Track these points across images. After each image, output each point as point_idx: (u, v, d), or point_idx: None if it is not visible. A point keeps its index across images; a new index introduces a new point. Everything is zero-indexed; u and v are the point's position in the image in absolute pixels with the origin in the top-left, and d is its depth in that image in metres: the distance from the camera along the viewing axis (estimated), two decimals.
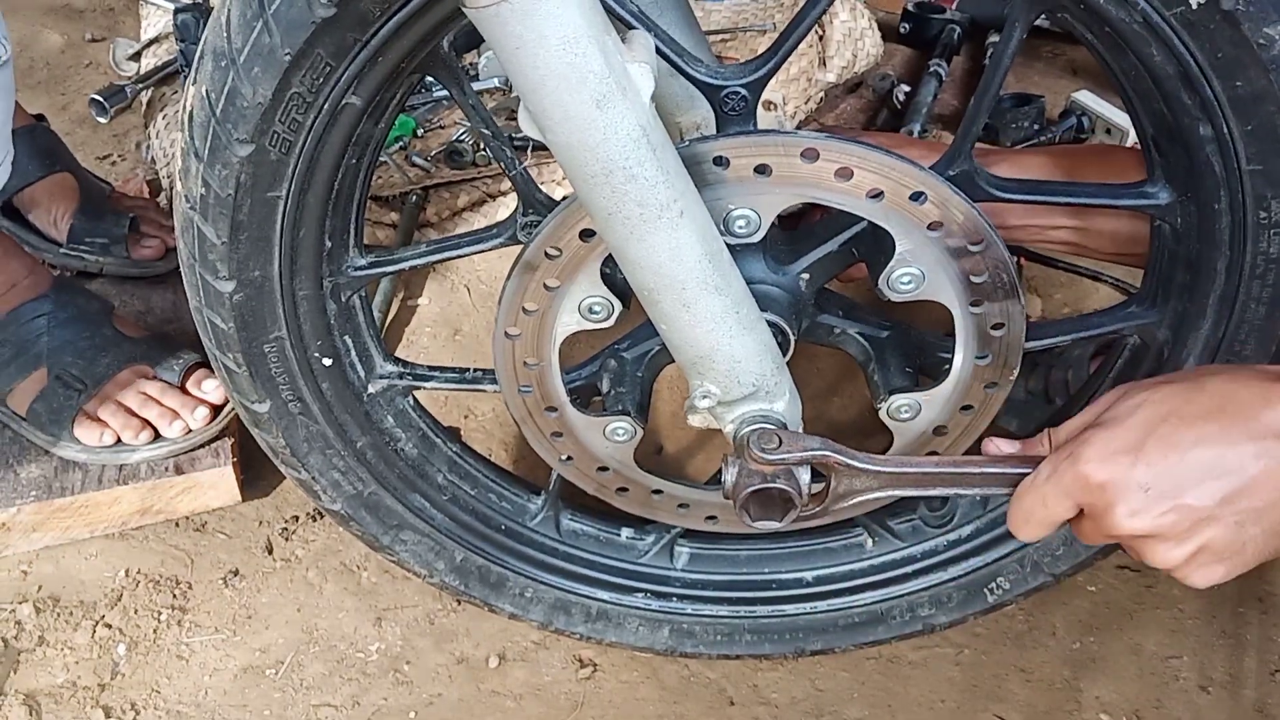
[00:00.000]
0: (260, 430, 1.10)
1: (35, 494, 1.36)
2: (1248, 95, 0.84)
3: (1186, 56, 0.84)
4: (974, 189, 0.94)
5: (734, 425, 0.92)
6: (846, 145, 0.88)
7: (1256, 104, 0.84)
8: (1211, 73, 0.84)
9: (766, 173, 0.90)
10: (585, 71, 0.74)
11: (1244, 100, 0.84)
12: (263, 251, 0.97)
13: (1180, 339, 1.01)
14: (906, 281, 0.94)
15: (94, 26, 2.30)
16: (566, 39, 0.73)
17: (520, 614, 1.25)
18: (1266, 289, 0.95)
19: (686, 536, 1.23)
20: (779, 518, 0.89)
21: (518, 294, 0.97)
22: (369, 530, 1.18)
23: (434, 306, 1.70)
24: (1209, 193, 0.91)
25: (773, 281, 1.01)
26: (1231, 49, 0.82)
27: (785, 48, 0.90)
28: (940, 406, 1.02)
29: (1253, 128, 0.86)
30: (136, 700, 1.25)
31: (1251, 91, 0.84)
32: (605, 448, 1.07)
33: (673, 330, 0.88)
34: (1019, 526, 0.85)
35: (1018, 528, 0.85)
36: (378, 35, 0.86)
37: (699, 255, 0.83)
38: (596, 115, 0.76)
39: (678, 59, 0.90)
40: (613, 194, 0.79)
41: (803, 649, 1.25)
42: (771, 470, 0.88)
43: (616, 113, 0.76)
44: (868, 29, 1.81)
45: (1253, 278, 0.94)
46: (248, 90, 0.87)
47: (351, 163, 0.97)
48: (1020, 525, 0.84)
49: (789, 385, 0.93)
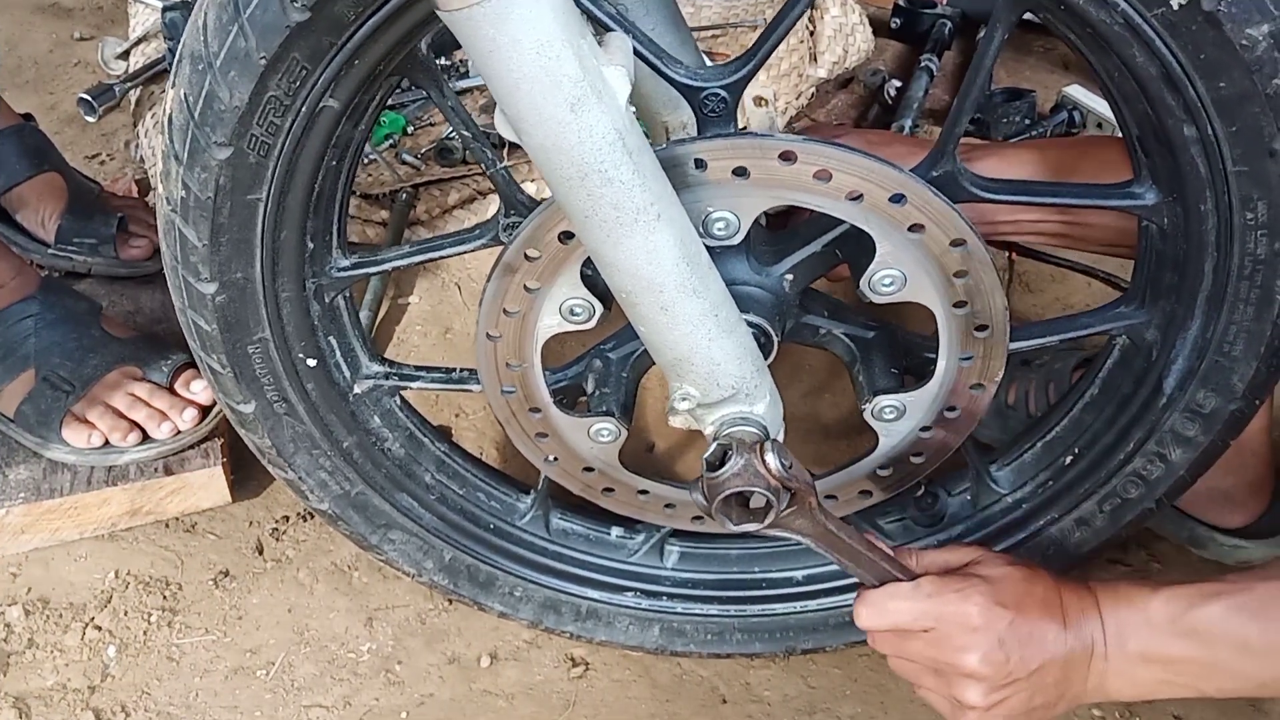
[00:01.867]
0: (246, 430, 1.10)
1: (24, 496, 1.36)
2: (1231, 96, 0.83)
3: (1169, 58, 0.82)
4: (958, 190, 0.93)
5: (714, 427, 0.92)
6: (824, 148, 0.87)
7: (1240, 105, 0.83)
8: (1195, 74, 0.83)
9: (745, 175, 0.89)
10: (559, 75, 0.73)
11: (1228, 101, 0.83)
12: (244, 254, 0.97)
13: (1168, 340, 1.01)
14: (888, 283, 0.94)
15: (82, 25, 2.30)
16: (540, 42, 0.72)
17: (510, 613, 1.25)
18: (1254, 290, 0.93)
19: (676, 535, 1.23)
20: (744, 521, 0.90)
21: (498, 296, 0.97)
22: (357, 529, 1.18)
23: (424, 304, 1.70)
24: (1194, 194, 0.91)
25: (755, 283, 1.00)
26: (1214, 50, 0.81)
27: (764, 49, 0.90)
28: (925, 408, 1.02)
29: (1237, 129, 0.85)
30: (126, 702, 1.26)
31: (1235, 93, 0.83)
32: (590, 449, 1.07)
33: (651, 333, 0.88)
34: (872, 616, 0.96)
35: (870, 617, 0.97)
36: (353, 39, 0.86)
37: (676, 258, 0.83)
38: (571, 119, 0.75)
39: (656, 60, 0.89)
40: (588, 197, 0.79)
41: (793, 648, 1.25)
42: (771, 483, 0.88)
43: (591, 116, 0.75)
44: (859, 24, 1.80)
45: (1240, 279, 0.93)
46: (225, 94, 0.87)
47: (332, 165, 0.97)
48: (873, 616, 0.96)
49: (770, 387, 0.93)
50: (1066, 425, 1.12)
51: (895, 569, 0.98)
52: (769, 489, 0.87)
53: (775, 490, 0.87)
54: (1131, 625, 0.93)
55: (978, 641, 0.92)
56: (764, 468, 0.87)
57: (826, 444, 1.49)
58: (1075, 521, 1.13)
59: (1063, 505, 1.13)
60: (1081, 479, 1.11)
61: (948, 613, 0.94)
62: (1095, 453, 1.10)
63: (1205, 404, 1.01)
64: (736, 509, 0.89)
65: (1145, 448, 1.06)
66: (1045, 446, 1.14)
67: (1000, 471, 1.16)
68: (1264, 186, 0.87)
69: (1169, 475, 1.07)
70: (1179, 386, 1.01)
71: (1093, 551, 1.14)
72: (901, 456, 1.06)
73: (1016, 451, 1.15)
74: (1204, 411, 1.02)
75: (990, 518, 1.17)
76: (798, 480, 0.89)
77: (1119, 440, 1.08)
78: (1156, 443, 1.05)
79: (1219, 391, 1.00)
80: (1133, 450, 1.07)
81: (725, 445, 0.89)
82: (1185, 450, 1.05)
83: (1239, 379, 0.99)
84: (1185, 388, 1.01)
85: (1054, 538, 1.14)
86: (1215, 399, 1.00)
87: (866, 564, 0.97)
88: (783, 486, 0.88)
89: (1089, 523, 1.12)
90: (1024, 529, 1.15)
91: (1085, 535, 1.13)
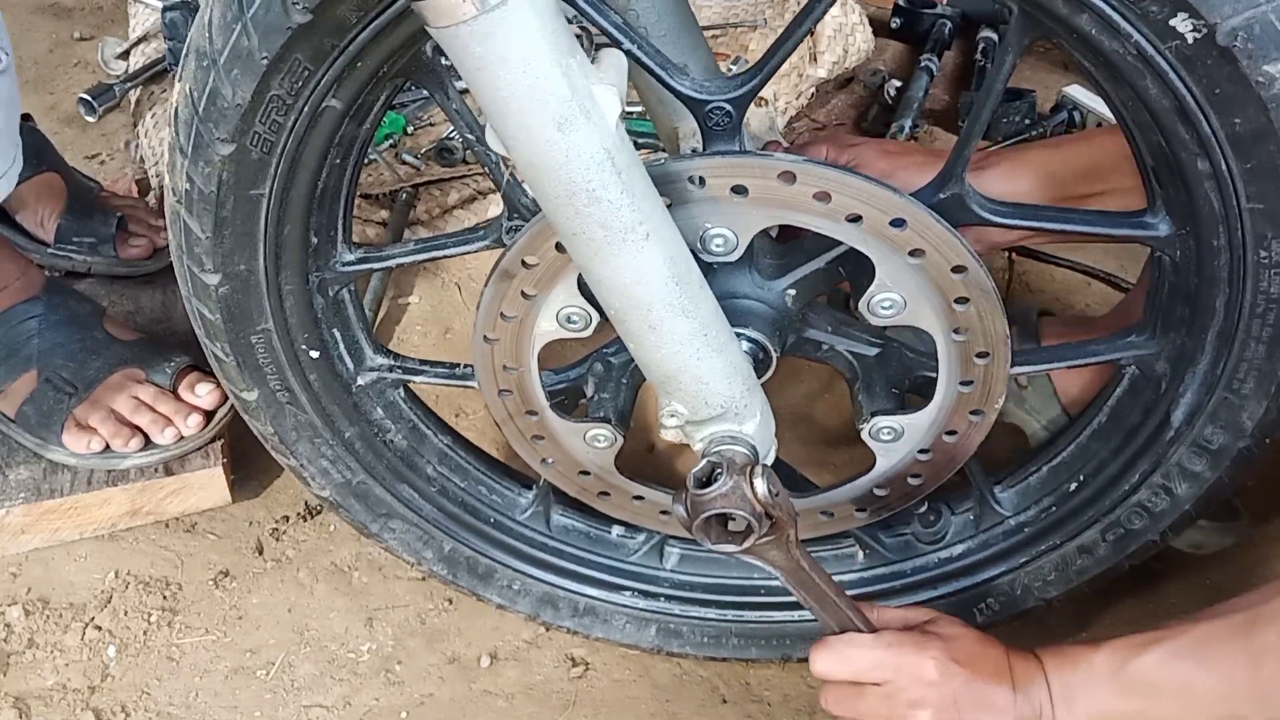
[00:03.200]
0: (249, 417, 1.12)
1: (24, 496, 1.35)
2: (1246, 133, 0.80)
3: (1183, 91, 0.80)
4: (966, 214, 0.92)
5: (703, 444, 0.91)
6: (824, 170, 0.86)
7: (1256, 142, 0.81)
8: (1209, 108, 0.80)
9: (744, 193, 0.88)
10: (546, 94, 0.73)
11: (1243, 138, 0.81)
12: (247, 247, 0.97)
13: (1178, 373, 0.98)
14: (887, 306, 0.92)
15: (82, 25, 2.29)
16: (527, 61, 0.72)
17: (508, 605, 1.26)
18: (1267, 329, 0.91)
19: (677, 537, 1.23)
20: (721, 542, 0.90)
21: (495, 300, 0.97)
22: (357, 517, 1.19)
23: (425, 304, 1.69)
24: (1208, 228, 0.88)
25: (757, 296, 0.99)
26: (1229, 85, 0.78)
27: (772, 62, 0.88)
28: (922, 432, 1.00)
29: (1252, 166, 0.82)
30: (126, 702, 1.25)
31: (1250, 130, 0.80)
32: (585, 453, 1.07)
33: (640, 349, 0.87)
34: (830, 661, 0.97)
35: (828, 662, 0.98)
36: (355, 41, 0.86)
37: (665, 278, 0.82)
38: (558, 138, 0.74)
39: (661, 72, 0.88)
40: (576, 215, 0.78)
41: (789, 655, 1.24)
42: (756, 509, 0.87)
43: (579, 135, 0.75)
44: (859, 24, 1.78)
45: (1253, 316, 0.91)
46: (228, 91, 0.87)
47: (336, 162, 0.97)
48: (832, 661, 0.97)
49: (760, 406, 0.92)
50: (1073, 451, 1.10)
51: (858, 618, 0.99)
52: (753, 514, 0.86)
53: (758, 516, 0.87)
54: (1078, 686, 0.93)
55: (931, 697, 0.94)
56: (751, 492, 0.87)
57: (825, 448, 1.47)
58: (1078, 549, 1.11)
59: (1066, 531, 1.11)
60: (1086, 507, 1.09)
61: (905, 663, 0.95)
62: (1100, 481, 1.08)
63: (1213, 440, 0.99)
64: (716, 529, 0.88)
65: (1151, 480, 1.04)
66: (1051, 471, 1.12)
67: (1004, 493, 1.14)
68: (1279, 225, 0.85)
69: (1174, 509, 1.05)
70: (1187, 421, 0.99)
71: (1094, 580, 1.13)
72: (899, 477, 1.05)
73: (1022, 474, 1.14)
74: (1211, 448, 0.99)
75: (992, 539, 1.15)
76: (782, 510, 0.88)
77: (1125, 470, 1.06)
78: (1162, 476, 1.03)
79: (1227, 429, 0.98)
80: (1138, 481, 1.05)
81: (715, 463, 0.89)
82: (1191, 485, 1.02)
83: (1248, 417, 0.96)
84: (1193, 422, 0.99)
85: (1055, 564, 1.13)
86: (1223, 436, 0.98)
87: (830, 609, 0.98)
88: (766, 514, 0.87)
89: (1091, 551, 1.11)
90: (1025, 552, 1.14)
91: (1087, 563, 1.12)
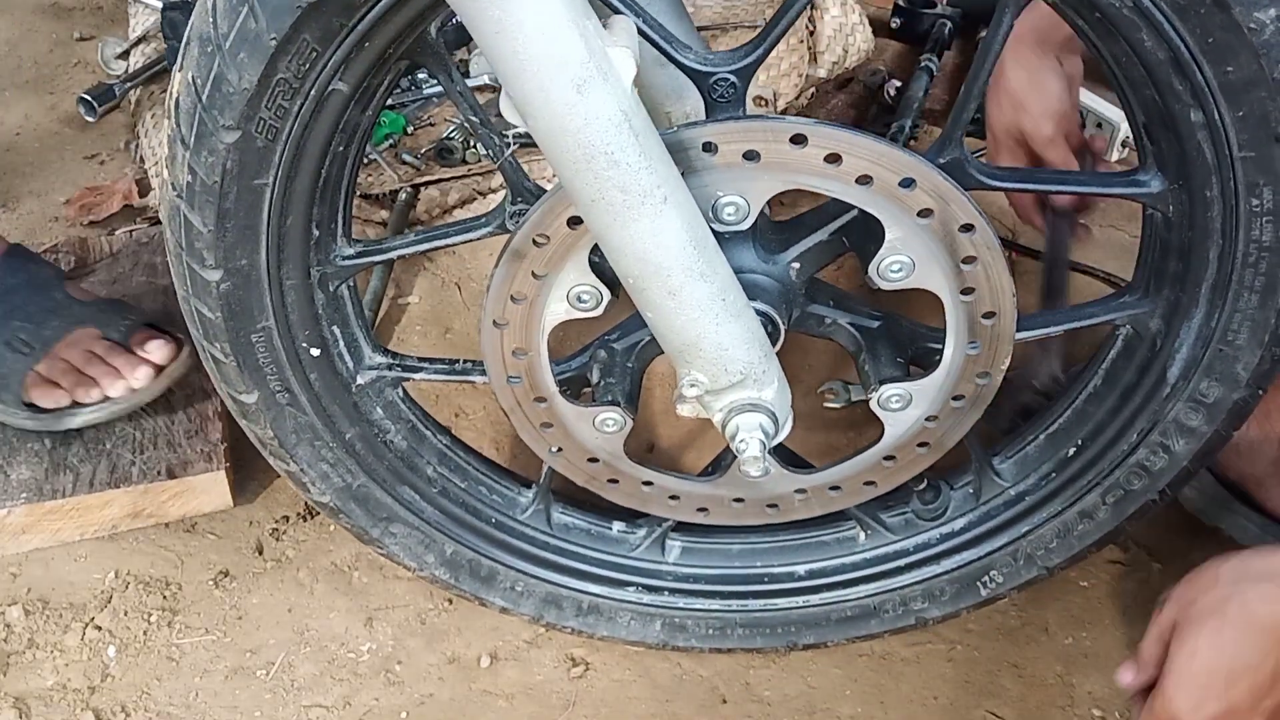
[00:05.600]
0: (248, 421, 1.10)
1: (26, 496, 1.35)
2: (1239, 81, 0.84)
3: (1177, 41, 0.83)
4: (965, 177, 0.93)
5: (723, 414, 0.92)
6: (835, 130, 0.87)
7: (1248, 90, 0.84)
8: (1202, 58, 0.83)
9: (755, 158, 0.89)
10: (565, 56, 0.73)
11: (1235, 86, 0.84)
12: (249, 240, 0.96)
13: (1173, 329, 1.01)
14: (896, 270, 0.94)
15: (82, 25, 2.28)
16: (545, 23, 0.72)
17: (511, 608, 1.24)
18: (1259, 277, 0.94)
19: (678, 530, 1.22)
20: None
21: (505, 282, 0.97)
22: (358, 523, 1.17)
23: (424, 304, 1.68)
24: (1200, 180, 0.91)
25: (762, 270, 1.00)
26: (1222, 34, 0.82)
27: (774, 34, 0.90)
28: (931, 397, 1.02)
29: (1244, 114, 0.85)
30: (126, 702, 1.24)
31: (1242, 77, 0.83)
32: (595, 439, 1.07)
33: (659, 318, 0.87)
34: None
35: None
36: (364, 20, 0.86)
37: (684, 242, 0.83)
38: (577, 100, 0.75)
39: (666, 45, 0.89)
40: (595, 180, 0.79)
41: (795, 643, 1.24)
42: None
43: (597, 98, 0.75)
44: (858, 24, 1.80)
45: (1245, 266, 0.94)
46: (234, 76, 0.87)
47: (339, 150, 0.96)
48: None
49: (778, 373, 0.93)
50: (1070, 417, 1.12)
51: None
52: None
53: None
54: None
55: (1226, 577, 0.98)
56: None
57: (831, 433, 1.48)
58: (1078, 514, 1.13)
59: (1066, 498, 1.13)
60: (1085, 471, 1.11)
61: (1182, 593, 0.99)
62: (1099, 444, 1.10)
63: (1209, 393, 1.01)
64: None
65: (1149, 438, 1.06)
66: (1049, 439, 1.14)
67: (1003, 464, 1.16)
68: (1270, 172, 0.88)
69: (1172, 466, 1.07)
70: (1183, 376, 1.02)
71: (1095, 544, 1.14)
72: (907, 445, 1.06)
73: (1020, 444, 1.15)
74: (1208, 401, 1.02)
75: (993, 511, 1.16)
76: None
77: (1122, 431, 1.08)
78: (1160, 433, 1.05)
79: (1223, 381, 1.00)
80: (1136, 441, 1.07)
81: None
82: (1189, 441, 1.05)
83: (1243, 367, 0.99)
84: (1189, 377, 1.01)
85: (1057, 530, 1.14)
86: (1219, 388, 1.01)
87: None
88: None
89: (1092, 515, 1.12)
90: (1027, 521, 1.15)
91: (1088, 528, 1.13)
